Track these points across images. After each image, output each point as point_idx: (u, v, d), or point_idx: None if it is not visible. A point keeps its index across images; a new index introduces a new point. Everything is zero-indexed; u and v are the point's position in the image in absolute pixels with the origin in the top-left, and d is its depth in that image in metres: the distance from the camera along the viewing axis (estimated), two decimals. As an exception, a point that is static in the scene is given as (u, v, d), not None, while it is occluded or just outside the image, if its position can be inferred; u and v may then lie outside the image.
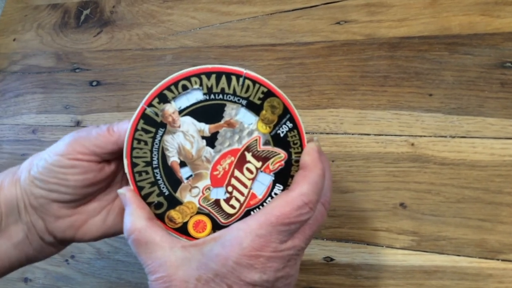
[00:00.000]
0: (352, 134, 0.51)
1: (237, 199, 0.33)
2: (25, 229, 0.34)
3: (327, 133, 0.51)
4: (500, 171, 0.45)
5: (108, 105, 0.63)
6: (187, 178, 0.33)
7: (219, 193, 0.33)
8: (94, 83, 0.66)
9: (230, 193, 0.33)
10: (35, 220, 0.34)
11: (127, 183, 0.37)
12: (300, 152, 0.32)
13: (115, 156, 0.34)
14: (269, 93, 0.32)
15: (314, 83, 0.54)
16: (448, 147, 0.47)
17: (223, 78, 0.31)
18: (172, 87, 0.31)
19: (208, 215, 0.33)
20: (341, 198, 0.49)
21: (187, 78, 0.31)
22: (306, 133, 0.32)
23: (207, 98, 0.32)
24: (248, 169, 0.32)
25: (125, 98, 0.63)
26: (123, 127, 0.33)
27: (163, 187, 0.33)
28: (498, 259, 0.43)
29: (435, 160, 0.47)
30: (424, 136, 0.48)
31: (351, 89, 0.52)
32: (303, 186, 0.29)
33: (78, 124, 0.64)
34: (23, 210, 0.34)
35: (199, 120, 0.32)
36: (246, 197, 0.33)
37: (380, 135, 0.50)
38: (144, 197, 0.33)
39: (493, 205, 0.44)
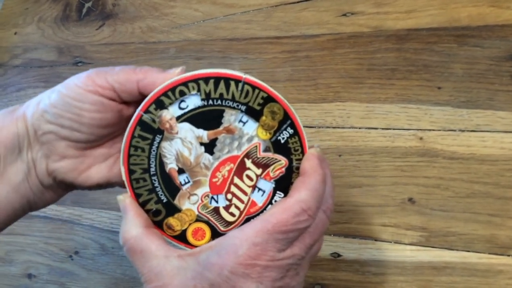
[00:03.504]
0: (359, 128, 0.50)
1: (236, 207, 0.32)
2: (25, 169, 0.33)
3: (333, 127, 0.51)
4: (510, 166, 0.44)
5: (111, 99, 0.63)
6: (186, 186, 0.32)
7: (218, 201, 0.32)
8: (97, 77, 0.65)
9: (230, 200, 0.32)
10: (38, 158, 0.33)
11: None
12: (302, 159, 0.31)
13: (134, 98, 0.32)
14: (269, 99, 0.31)
15: (320, 76, 0.53)
16: (458, 141, 0.46)
17: (222, 83, 0.30)
18: (169, 93, 0.30)
19: (207, 222, 0.32)
20: (349, 193, 0.48)
21: (184, 83, 0.30)
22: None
23: (205, 103, 0.31)
24: (248, 176, 0.32)
25: (128, 92, 0.62)
26: (150, 72, 0.31)
27: (161, 194, 0.32)
28: (508, 255, 0.42)
29: (444, 155, 0.46)
30: (433, 130, 0.47)
31: (358, 82, 0.52)
32: (301, 192, 0.28)
33: (80, 118, 0.63)
34: (25, 148, 0.32)
35: (197, 127, 0.31)
36: (246, 205, 0.32)
37: (387, 129, 0.49)
38: (142, 204, 0.32)
39: (504, 200, 0.44)
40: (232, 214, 0.32)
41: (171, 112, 0.31)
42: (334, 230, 0.47)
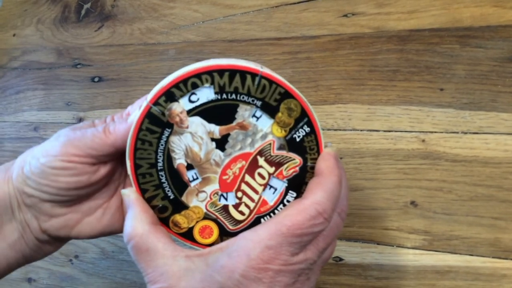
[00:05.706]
0: (361, 130, 0.49)
1: (246, 205, 0.31)
2: (20, 228, 0.33)
3: (335, 130, 0.50)
4: (514, 168, 0.44)
5: (111, 102, 0.62)
6: (194, 182, 0.31)
7: (228, 199, 0.31)
8: (96, 79, 0.64)
9: (240, 198, 0.31)
10: (29, 218, 0.33)
11: (125, 183, 0.35)
12: (317, 159, 0.30)
13: (112, 157, 0.32)
14: (287, 94, 0.29)
15: (321, 78, 0.53)
16: (460, 143, 0.46)
17: (237, 77, 0.29)
18: (181, 85, 0.29)
19: (215, 220, 0.31)
20: (350, 196, 0.47)
21: (197, 75, 0.29)
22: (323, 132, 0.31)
23: (219, 97, 0.29)
24: (259, 174, 0.31)
25: (128, 94, 0.62)
26: (120, 128, 0.31)
27: (168, 191, 0.31)
28: (512, 259, 0.42)
29: (446, 157, 0.46)
30: (435, 132, 0.47)
31: (360, 84, 0.51)
32: (317, 194, 0.27)
33: (80, 121, 0.63)
34: (16, 209, 0.33)
35: (209, 121, 0.30)
36: (257, 204, 0.31)
37: (389, 131, 0.48)
38: (148, 200, 0.31)
39: (507, 203, 0.43)
40: (242, 213, 0.31)
41: (182, 105, 0.29)
42: (336, 234, 0.47)
